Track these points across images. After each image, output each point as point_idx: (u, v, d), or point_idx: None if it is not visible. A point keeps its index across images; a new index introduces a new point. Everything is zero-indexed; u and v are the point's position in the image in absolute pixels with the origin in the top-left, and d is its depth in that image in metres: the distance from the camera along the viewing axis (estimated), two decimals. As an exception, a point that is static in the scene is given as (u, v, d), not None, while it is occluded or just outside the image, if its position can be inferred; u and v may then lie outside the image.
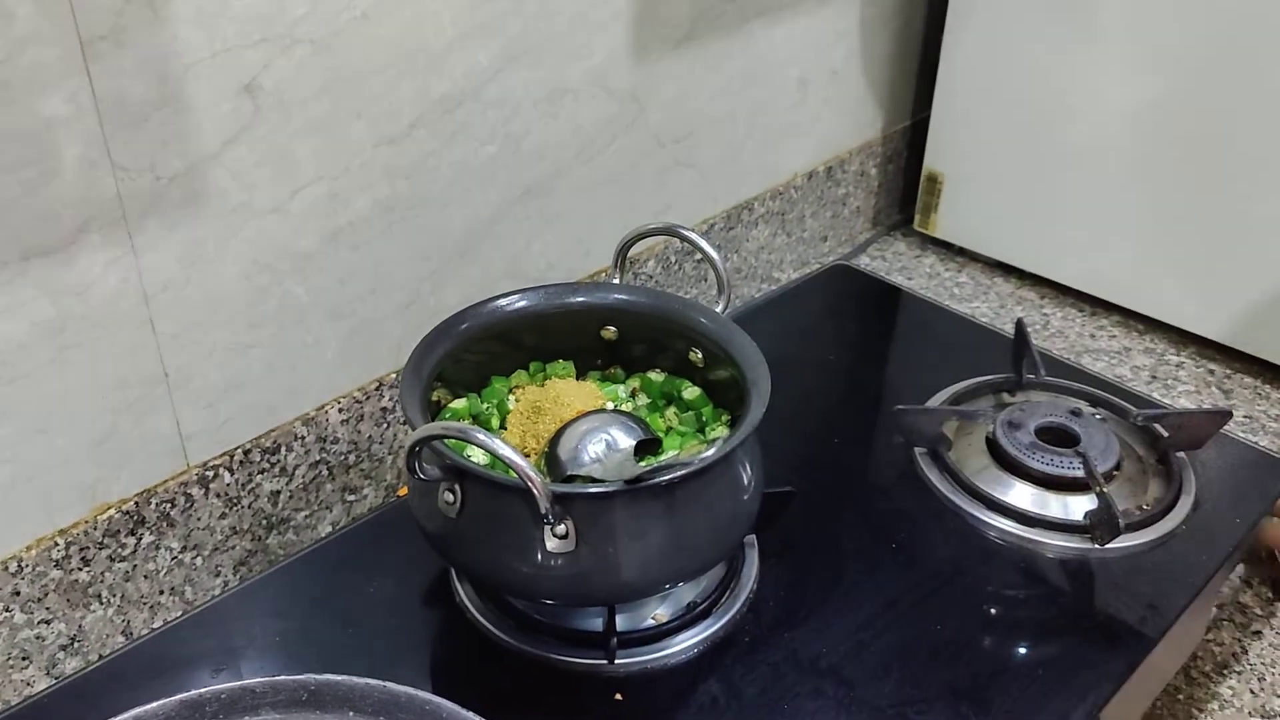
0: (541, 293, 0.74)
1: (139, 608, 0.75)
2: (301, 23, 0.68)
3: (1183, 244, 1.06)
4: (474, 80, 0.80)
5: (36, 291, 0.63)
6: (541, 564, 0.60)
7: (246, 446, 0.77)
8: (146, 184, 0.65)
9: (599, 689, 0.67)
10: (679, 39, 0.94)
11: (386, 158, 0.77)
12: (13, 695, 0.70)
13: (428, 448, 0.60)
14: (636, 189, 0.97)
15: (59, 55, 0.59)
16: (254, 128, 0.69)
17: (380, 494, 0.88)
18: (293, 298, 0.76)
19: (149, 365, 0.70)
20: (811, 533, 0.79)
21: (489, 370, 0.75)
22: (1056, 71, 1.09)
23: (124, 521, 0.72)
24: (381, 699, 0.57)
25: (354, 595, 0.74)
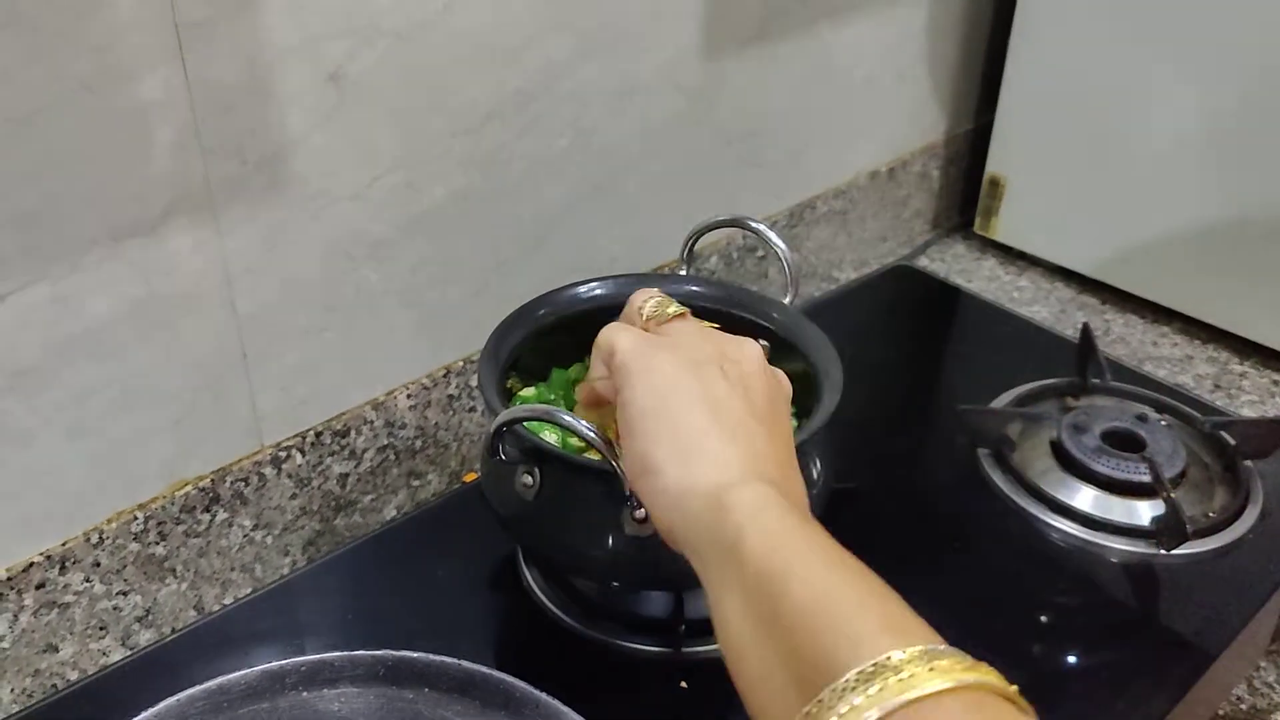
0: (617, 282, 0.75)
1: (211, 583, 0.77)
2: (386, 14, 0.69)
3: (1247, 252, 1.04)
4: (548, 74, 0.81)
5: (126, 270, 0.65)
6: (619, 547, 0.61)
7: (318, 429, 0.79)
8: (233, 168, 0.67)
9: (664, 675, 0.68)
10: (749, 37, 0.94)
11: (462, 149, 0.78)
12: (90, 665, 0.72)
13: (509, 431, 0.61)
14: (702, 185, 0.98)
15: (156, 42, 0.61)
16: (336, 116, 0.70)
17: (445, 480, 0.89)
18: (367, 284, 0.77)
19: (229, 346, 0.72)
20: (873, 531, 0.79)
21: (557, 358, 0.76)
22: (1122, 77, 1.08)
23: (200, 498, 0.74)
24: (456, 677, 0.58)
25: (421, 578, 0.75)
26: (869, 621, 0.39)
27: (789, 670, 0.39)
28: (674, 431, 0.49)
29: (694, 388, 0.50)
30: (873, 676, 0.36)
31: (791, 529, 0.44)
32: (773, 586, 0.41)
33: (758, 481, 0.46)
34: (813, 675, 0.37)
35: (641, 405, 0.50)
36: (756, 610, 0.41)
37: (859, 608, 0.40)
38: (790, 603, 0.40)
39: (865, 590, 0.41)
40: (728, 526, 0.44)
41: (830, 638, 0.38)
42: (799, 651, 0.39)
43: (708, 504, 0.45)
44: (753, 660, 0.41)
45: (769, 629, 0.41)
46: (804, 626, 0.39)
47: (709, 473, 0.47)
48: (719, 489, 0.46)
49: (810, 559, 0.42)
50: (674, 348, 0.53)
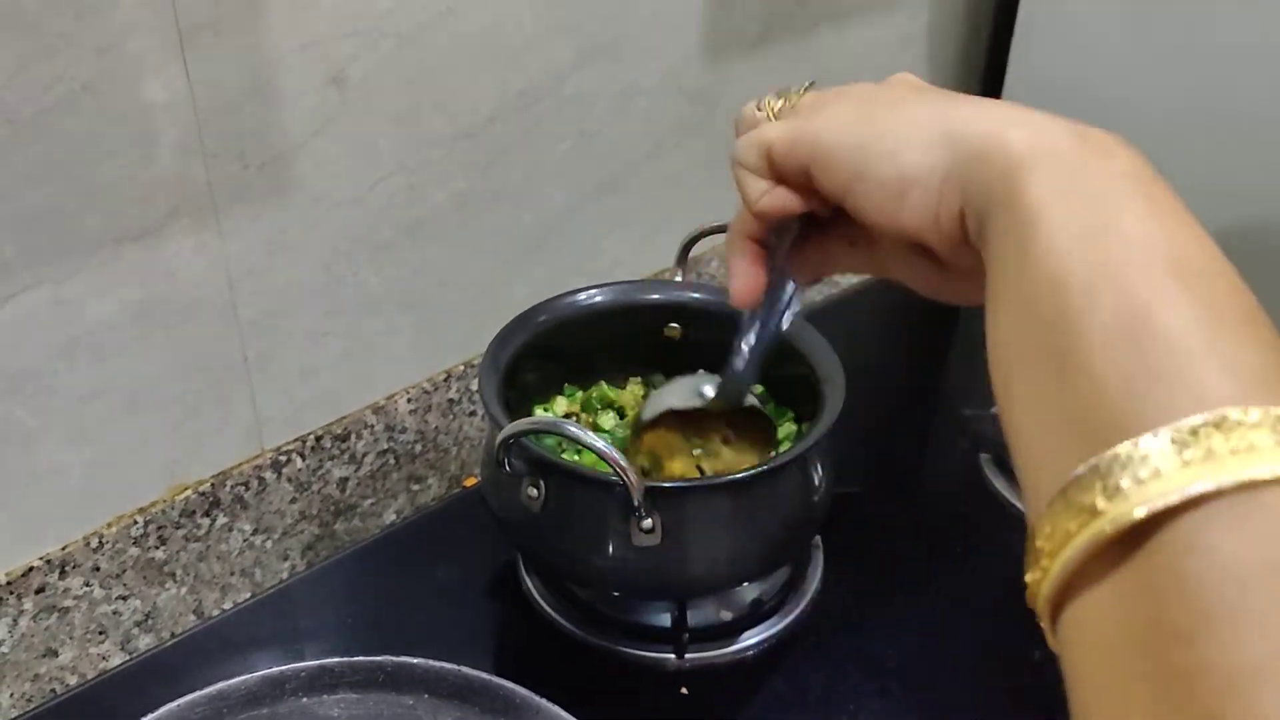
0: (616, 289, 0.74)
1: (211, 588, 0.77)
2: (389, 17, 0.69)
3: (1251, 258, 1.04)
4: (551, 77, 0.80)
5: (128, 274, 0.64)
6: (626, 557, 0.61)
7: (319, 433, 0.78)
8: (235, 171, 0.67)
9: (665, 682, 0.68)
10: (751, 41, 0.94)
11: (464, 152, 0.78)
12: (89, 669, 0.72)
13: (515, 442, 0.61)
14: (704, 189, 0.98)
15: (159, 44, 0.61)
16: (339, 119, 0.70)
17: (445, 484, 0.89)
18: (368, 288, 0.77)
19: (230, 350, 0.72)
20: (876, 535, 0.79)
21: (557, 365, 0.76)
22: (1124, 81, 1.08)
23: (200, 502, 0.73)
24: (456, 683, 0.58)
25: (420, 583, 0.75)
26: (1208, 357, 0.27)
27: (1074, 402, 0.28)
28: (911, 124, 0.37)
29: (892, 94, 0.40)
30: (1193, 439, 0.25)
31: (1112, 203, 0.31)
32: (1072, 297, 0.29)
33: (1061, 137, 0.33)
34: (1105, 416, 0.27)
35: (851, 135, 0.38)
36: (1046, 324, 0.30)
37: (1197, 335, 0.27)
38: (1093, 321, 0.28)
39: (1213, 311, 0.28)
40: (1022, 204, 0.31)
41: (1145, 375, 0.27)
42: (1096, 389, 0.27)
43: (1000, 172, 0.33)
44: (1023, 388, 0.30)
45: (1058, 352, 0.29)
46: (1110, 355, 0.27)
47: (988, 132, 0.34)
48: (1005, 154, 0.33)
49: (1137, 253, 0.29)
50: (832, 100, 0.41)
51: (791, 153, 0.40)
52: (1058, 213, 0.31)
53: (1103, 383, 0.27)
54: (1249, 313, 0.29)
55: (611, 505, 0.61)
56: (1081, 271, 0.29)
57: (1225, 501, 0.24)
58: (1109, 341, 0.28)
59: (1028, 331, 0.30)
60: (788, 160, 0.41)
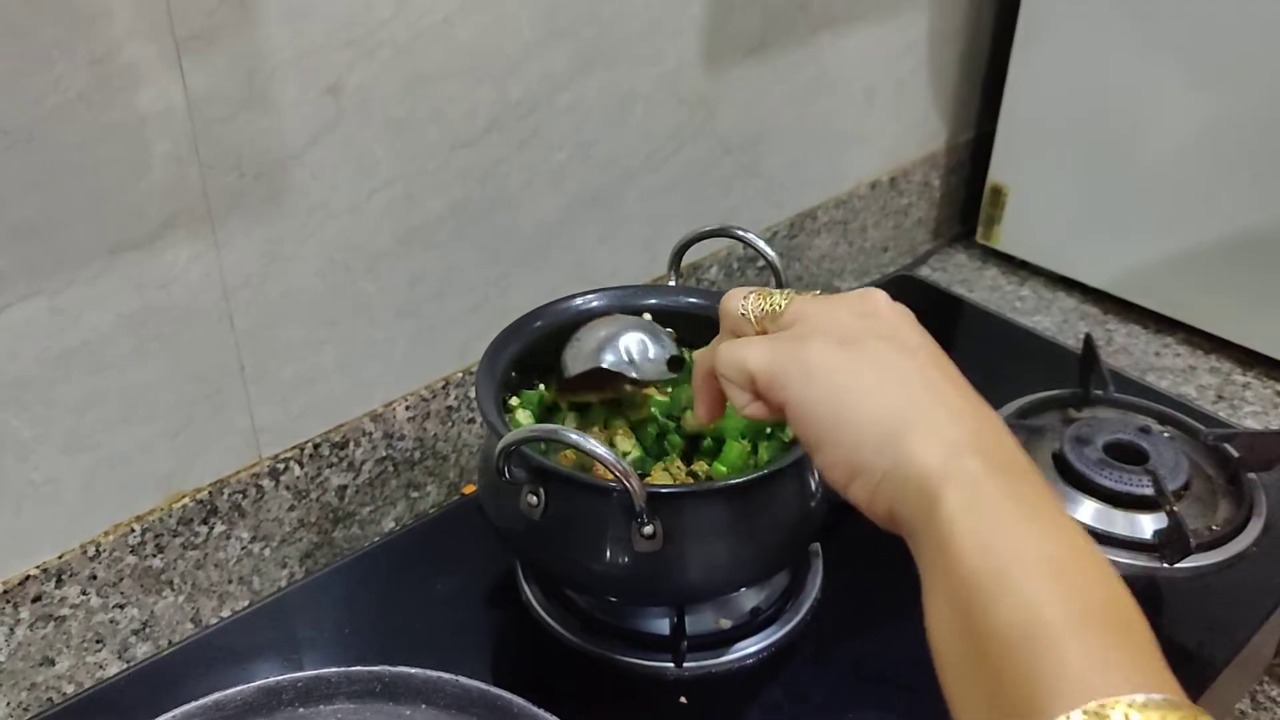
0: (613, 294, 0.74)
1: (208, 596, 0.77)
2: (386, 25, 0.69)
3: (1250, 262, 1.04)
4: (548, 85, 0.80)
5: (123, 284, 0.64)
6: (627, 563, 0.61)
7: (316, 441, 0.78)
8: (231, 181, 0.67)
9: (663, 691, 0.67)
10: (750, 48, 0.94)
11: (461, 160, 0.78)
12: (86, 678, 0.72)
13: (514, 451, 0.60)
14: (702, 195, 0.98)
15: (154, 53, 0.60)
16: (336, 128, 0.70)
17: (444, 491, 0.89)
18: (365, 296, 0.77)
19: (226, 359, 0.71)
20: (875, 543, 0.78)
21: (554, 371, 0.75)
22: (1125, 86, 1.08)
23: (197, 510, 0.73)
24: (454, 693, 0.58)
25: (419, 591, 0.75)
26: (1083, 654, 0.34)
27: (991, 695, 0.36)
28: (868, 423, 0.44)
29: (862, 370, 0.46)
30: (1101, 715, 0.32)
31: (1005, 518, 0.40)
32: (980, 597, 0.37)
33: (966, 457, 0.42)
34: (1014, 710, 0.35)
35: (820, 412, 0.46)
36: (963, 620, 0.38)
37: (1074, 634, 0.35)
38: (996, 622, 0.36)
39: (1084, 607, 0.36)
40: (938, 520, 0.40)
41: (1036, 671, 0.35)
42: (1002, 678, 0.36)
43: (919, 490, 0.42)
44: (954, 669, 0.39)
45: (974, 643, 0.37)
46: (1009, 653, 0.36)
47: (916, 454, 0.42)
48: (925, 476, 0.42)
49: (1025, 561, 0.38)
50: (815, 337, 0.48)
51: (769, 391, 0.48)
52: (962, 530, 0.40)
53: (1006, 678, 0.35)
54: (1104, 583, 0.38)
55: (612, 512, 0.60)
56: (984, 579, 0.38)
57: None
58: (1008, 641, 0.36)
59: (950, 626, 0.39)
60: (766, 394, 0.49)
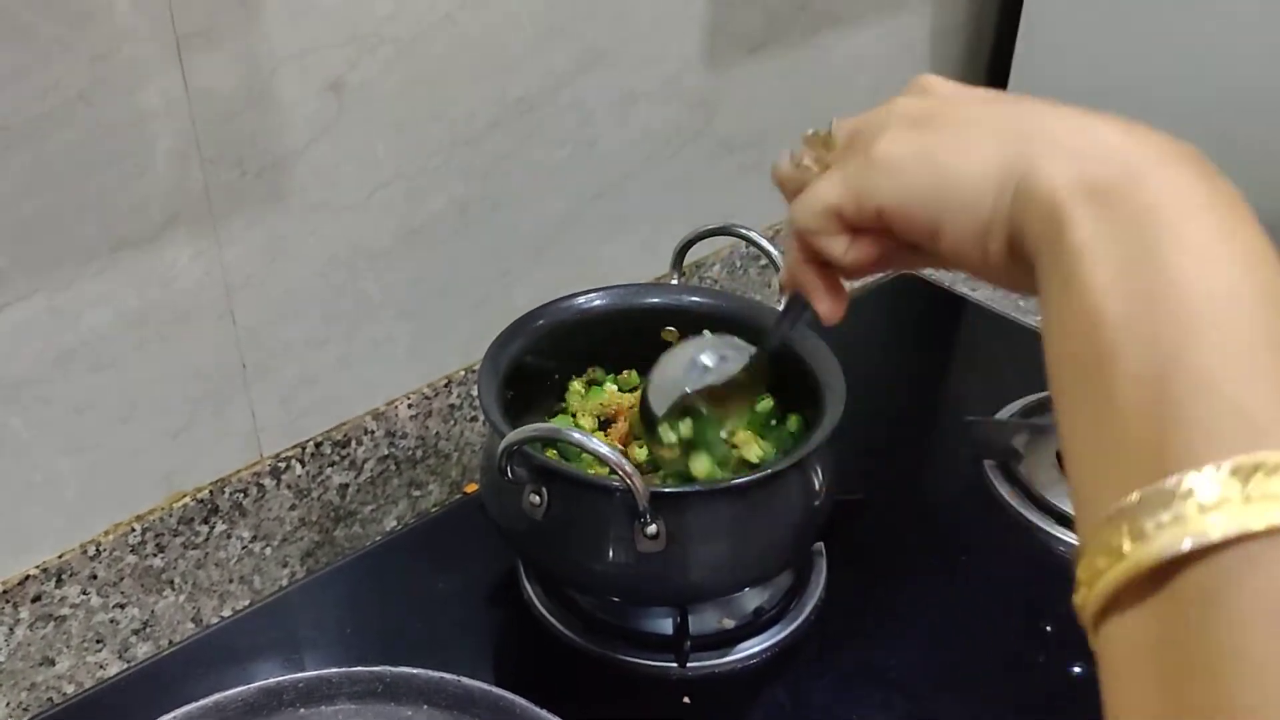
0: (615, 293, 0.74)
1: (209, 595, 0.76)
2: (387, 23, 0.69)
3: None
4: (550, 83, 0.80)
5: (125, 282, 0.64)
6: (629, 563, 0.61)
7: (318, 439, 0.78)
8: (233, 179, 0.66)
9: (667, 691, 0.67)
10: (752, 46, 0.94)
11: (463, 158, 0.77)
12: (87, 678, 0.71)
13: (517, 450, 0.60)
14: (704, 193, 0.97)
15: (155, 51, 0.60)
16: (337, 126, 0.70)
17: (445, 490, 0.88)
18: (367, 294, 0.77)
19: (228, 357, 0.71)
20: (879, 543, 0.78)
21: (557, 369, 0.75)
22: (1128, 84, 1.08)
23: (198, 510, 0.73)
24: (455, 693, 0.57)
25: (421, 590, 0.75)
26: (1234, 398, 0.27)
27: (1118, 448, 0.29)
28: (978, 175, 0.37)
29: (946, 134, 0.39)
30: (1248, 475, 0.25)
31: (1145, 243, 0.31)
32: (1107, 339, 0.30)
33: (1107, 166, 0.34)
34: (1149, 451, 0.28)
35: (923, 195, 0.39)
36: (1086, 364, 0.30)
37: (1227, 376, 0.28)
38: (1125, 369, 0.29)
39: (1247, 343, 0.28)
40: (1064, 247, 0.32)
41: (1172, 421, 0.27)
42: (1129, 432, 0.29)
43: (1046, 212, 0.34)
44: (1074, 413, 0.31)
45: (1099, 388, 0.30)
46: (1139, 404, 0.28)
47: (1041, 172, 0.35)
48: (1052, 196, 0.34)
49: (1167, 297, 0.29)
50: (880, 134, 0.41)
51: (861, 211, 0.41)
52: (1095, 251, 0.32)
53: (1131, 426, 0.29)
54: None
55: (615, 511, 0.60)
56: (1114, 312, 0.30)
57: (1241, 548, 0.25)
58: (1137, 386, 0.29)
59: (1068, 368, 0.32)
60: (859, 218, 0.41)
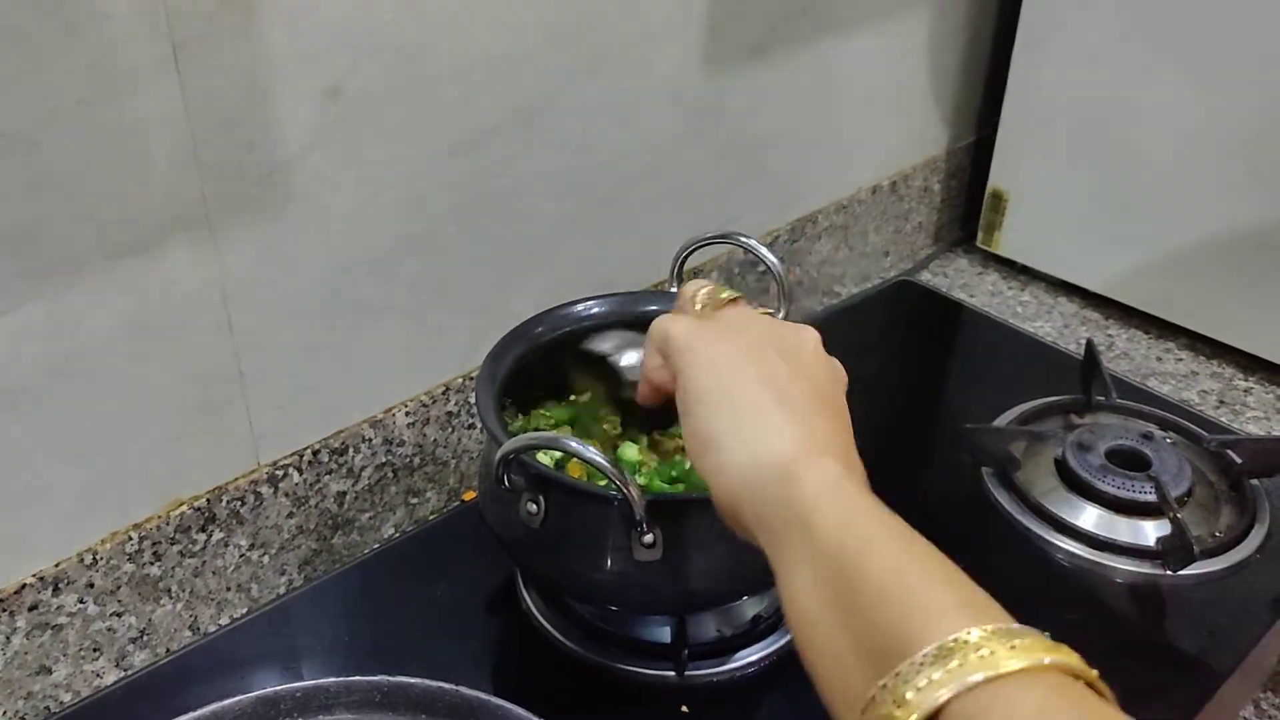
0: (613, 300, 0.74)
1: (206, 603, 0.76)
2: (387, 28, 0.69)
3: (1251, 267, 1.04)
4: (550, 89, 0.80)
5: (122, 289, 0.64)
6: (627, 572, 0.60)
7: (315, 447, 0.78)
8: (231, 186, 0.66)
9: (665, 700, 0.67)
10: (750, 53, 0.94)
11: (461, 165, 0.77)
12: (84, 686, 0.71)
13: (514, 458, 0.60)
14: (704, 199, 0.97)
15: (152, 57, 0.60)
16: (336, 131, 0.69)
17: (443, 497, 0.88)
18: (366, 300, 0.77)
19: (225, 364, 0.71)
20: (877, 550, 0.78)
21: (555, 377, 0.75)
22: (1125, 89, 1.08)
23: (195, 518, 0.73)
24: (454, 703, 0.57)
25: (418, 598, 0.75)
26: (947, 598, 0.38)
27: (862, 645, 0.38)
28: (735, 407, 0.48)
29: (751, 368, 0.49)
30: (951, 653, 0.35)
31: (863, 504, 0.43)
32: (846, 560, 0.41)
33: (825, 456, 0.45)
34: (887, 650, 0.37)
35: (699, 385, 0.49)
36: (829, 584, 0.40)
37: (937, 585, 0.39)
38: (865, 576, 0.39)
39: (941, 569, 0.40)
40: (798, 499, 0.43)
41: (907, 612, 0.38)
42: (873, 626, 0.38)
43: (775, 476, 0.45)
44: (823, 635, 0.40)
45: (841, 603, 0.40)
46: (879, 601, 0.38)
47: (775, 446, 0.46)
48: (786, 461, 0.45)
49: (885, 534, 0.42)
50: (730, 330, 0.52)
51: (669, 356, 0.52)
52: (826, 506, 0.43)
53: (879, 626, 0.38)
54: (948, 561, 0.41)
55: (612, 520, 0.60)
56: (850, 545, 0.41)
57: (981, 690, 0.34)
58: (881, 593, 0.39)
59: (816, 597, 0.41)
60: (667, 359, 0.52)
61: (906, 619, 0.37)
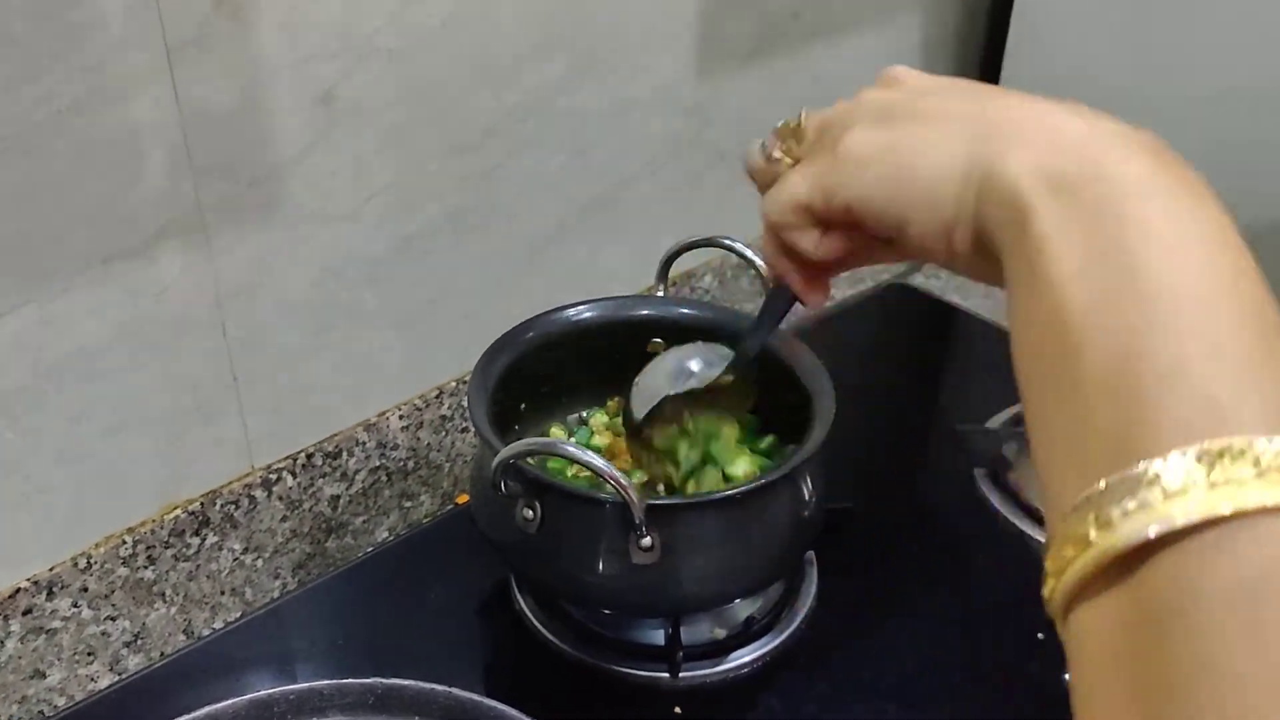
0: (605, 304, 0.74)
1: (200, 607, 0.76)
2: (380, 33, 0.69)
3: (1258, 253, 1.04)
4: (544, 92, 0.80)
5: (116, 294, 0.64)
6: (623, 576, 0.61)
7: (309, 450, 0.78)
8: (225, 189, 0.66)
9: (659, 702, 0.67)
10: (745, 55, 0.94)
11: (457, 167, 0.78)
12: (78, 690, 0.71)
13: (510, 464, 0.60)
14: (698, 202, 0.98)
15: (147, 62, 0.60)
16: (330, 135, 0.70)
17: (437, 501, 0.88)
18: (360, 304, 0.77)
19: (219, 368, 0.71)
20: (870, 552, 0.78)
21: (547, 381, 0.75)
22: (1117, 93, 1.08)
23: (190, 522, 0.73)
24: (447, 705, 0.57)
25: (412, 601, 0.75)
26: (1201, 387, 0.28)
27: (1091, 419, 0.29)
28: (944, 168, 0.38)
29: (913, 129, 0.39)
30: (1221, 458, 0.26)
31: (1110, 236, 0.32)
32: (1071, 335, 0.30)
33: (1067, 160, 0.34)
34: (1117, 440, 0.28)
35: (888, 189, 0.40)
36: (1051, 356, 0.31)
37: (1192, 367, 0.28)
38: (1089, 363, 0.30)
39: (1213, 341, 0.29)
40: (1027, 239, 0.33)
41: (1136, 409, 0.28)
42: (1095, 417, 0.29)
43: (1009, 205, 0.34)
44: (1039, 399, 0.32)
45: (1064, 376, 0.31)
46: (1103, 393, 0.29)
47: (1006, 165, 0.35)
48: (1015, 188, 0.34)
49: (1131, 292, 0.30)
50: (848, 130, 0.42)
51: (829, 206, 0.43)
52: (1059, 242, 0.32)
53: (1097, 415, 0.29)
54: (1254, 336, 0.29)
55: (610, 524, 0.60)
56: (1079, 302, 0.31)
57: (1208, 533, 0.26)
58: (1103, 375, 0.29)
59: (1034, 358, 0.33)
60: (828, 213, 0.43)
61: (1130, 417, 0.28)
